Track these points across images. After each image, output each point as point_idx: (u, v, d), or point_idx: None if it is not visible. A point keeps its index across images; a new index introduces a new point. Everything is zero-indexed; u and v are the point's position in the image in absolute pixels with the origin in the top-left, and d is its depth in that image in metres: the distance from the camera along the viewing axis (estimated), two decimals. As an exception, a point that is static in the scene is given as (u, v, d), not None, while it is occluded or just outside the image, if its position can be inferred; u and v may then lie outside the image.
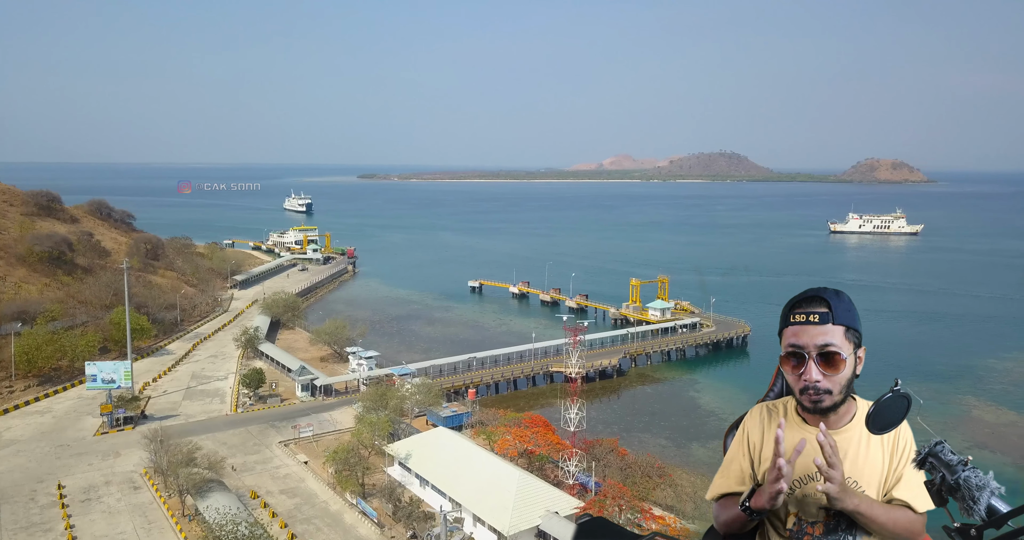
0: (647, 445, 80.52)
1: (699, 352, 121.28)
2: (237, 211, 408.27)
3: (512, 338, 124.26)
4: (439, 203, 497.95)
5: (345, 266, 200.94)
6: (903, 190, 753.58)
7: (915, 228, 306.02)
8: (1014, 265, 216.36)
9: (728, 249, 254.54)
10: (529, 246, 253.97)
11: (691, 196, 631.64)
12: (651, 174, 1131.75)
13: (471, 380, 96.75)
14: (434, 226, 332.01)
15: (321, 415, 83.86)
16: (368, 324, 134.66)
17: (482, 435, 67.25)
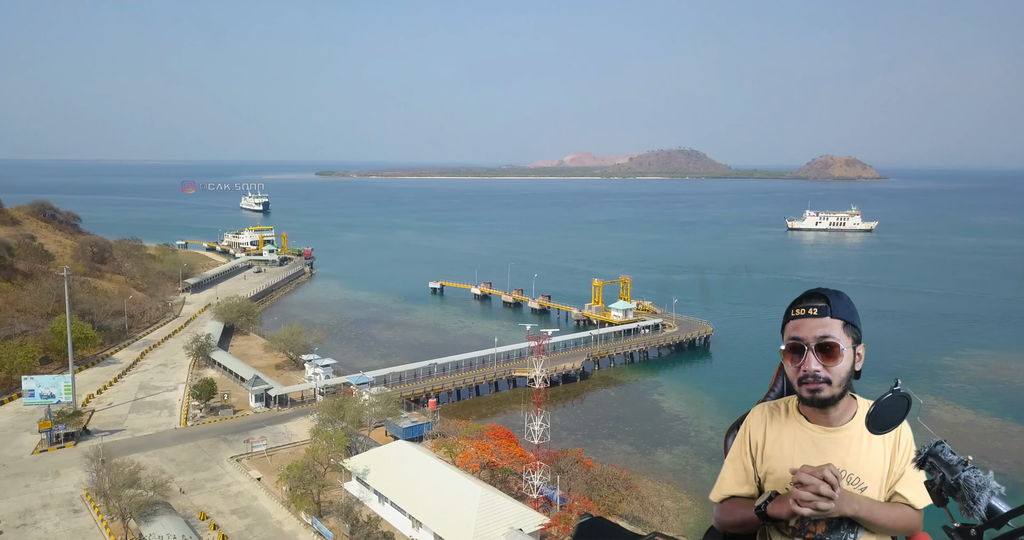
0: (612, 453, 79.32)
1: (662, 353, 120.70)
2: (191, 210, 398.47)
3: (474, 341, 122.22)
4: (399, 201, 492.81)
5: (302, 267, 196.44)
6: (856, 186, 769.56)
7: (870, 225, 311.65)
8: (963, 262, 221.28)
9: (687, 247, 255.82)
10: (490, 245, 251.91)
11: (651, 194, 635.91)
12: (611, 171, 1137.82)
13: (432, 387, 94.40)
14: (393, 225, 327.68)
15: (276, 427, 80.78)
16: (326, 329, 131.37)
17: (443, 448, 65.10)
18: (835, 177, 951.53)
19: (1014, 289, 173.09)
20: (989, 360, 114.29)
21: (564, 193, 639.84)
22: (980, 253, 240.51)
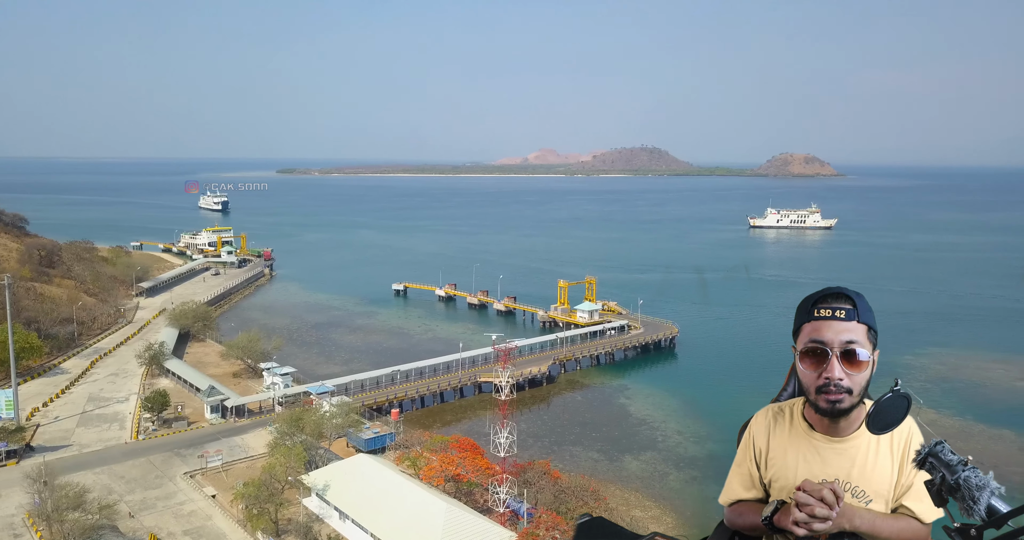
0: (579, 460, 78.10)
1: (628, 355, 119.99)
2: (147, 210, 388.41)
3: (439, 345, 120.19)
4: (361, 199, 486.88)
5: (262, 269, 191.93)
6: (815, 183, 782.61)
7: (829, 222, 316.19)
8: (921, 259, 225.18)
9: (650, 246, 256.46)
10: (454, 245, 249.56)
11: (613, 191, 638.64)
12: (575, 169, 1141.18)
13: (395, 395, 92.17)
14: (356, 224, 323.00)
15: (232, 439, 77.95)
16: (285, 334, 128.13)
17: (406, 461, 63.12)
18: (794, 174, 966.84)
19: (971, 286, 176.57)
20: (949, 358, 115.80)
21: (528, 191, 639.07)
22: (936, 250, 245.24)
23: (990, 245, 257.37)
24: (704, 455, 79.91)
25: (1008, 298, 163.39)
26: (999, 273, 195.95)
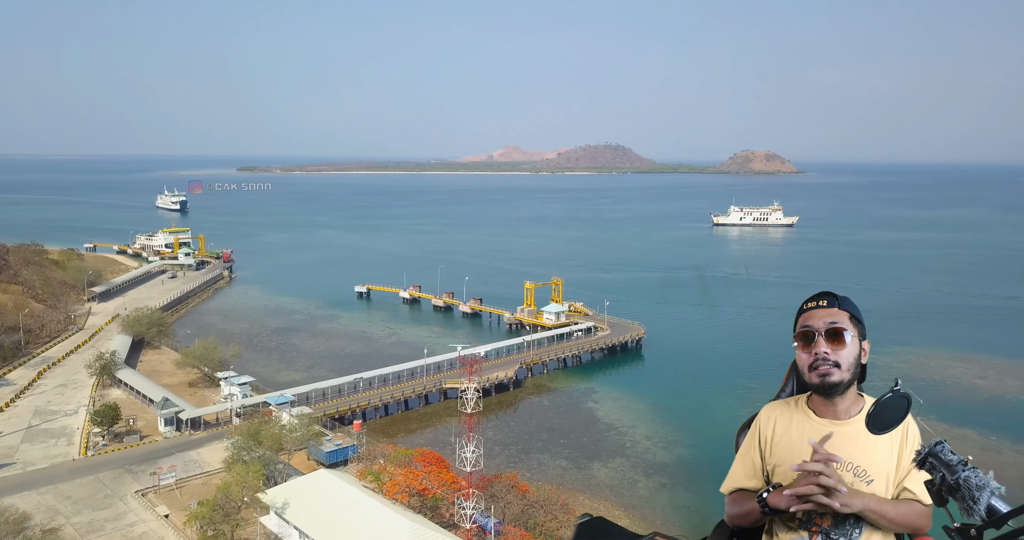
0: (547, 468, 76.75)
1: (595, 357, 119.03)
2: (101, 209, 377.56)
3: (403, 350, 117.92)
4: (323, 198, 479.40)
5: (221, 271, 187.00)
6: (776, 180, 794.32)
7: (791, 220, 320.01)
8: (878, 256, 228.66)
9: (615, 244, 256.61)
10: (419, 245, 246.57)
11: (578, 189, 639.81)
12: (540, 166, 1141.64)
13: (358, 404, 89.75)
14: (317, 224, 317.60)
15: (187, 454, 74.94)
16: (245, 339, 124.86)
17: (369, 476, 61.00)
18: (756, 171, 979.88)
19: (927, 284, 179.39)
20: (909, 356, 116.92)
21: (493, 189, 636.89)
22: (892, 247, 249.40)
23: (944, 242, 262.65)
24: (672, 461, 79.14)
25: (964, 295, 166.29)
26: (954, 270, 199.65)
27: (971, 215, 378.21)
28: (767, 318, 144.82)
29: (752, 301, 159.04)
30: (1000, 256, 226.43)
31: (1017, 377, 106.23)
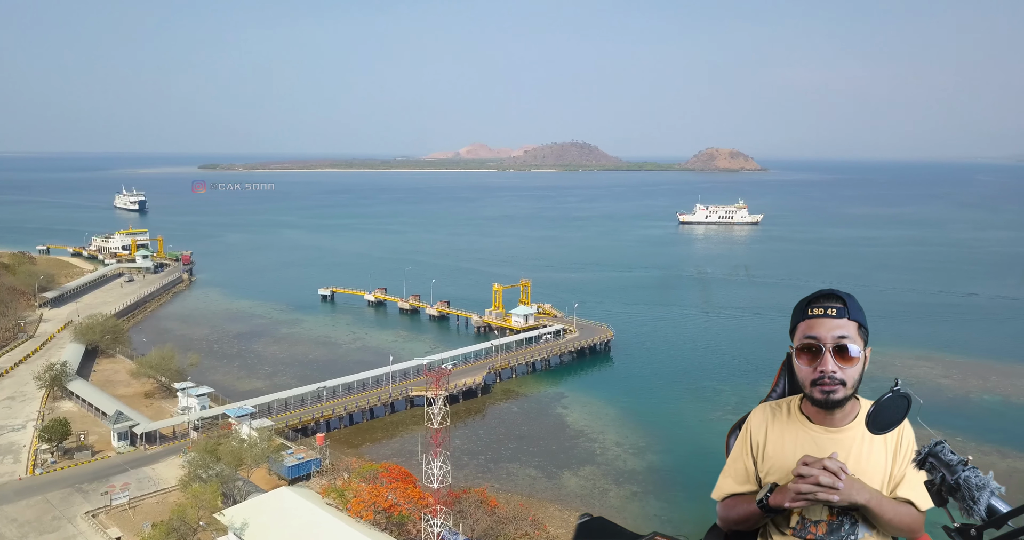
0: (516, 478, 75.29)
1: (564, 360, 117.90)
2: (56, 209, 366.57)
3: (369, 356, 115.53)
4: (286, 196, 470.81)
5: (180, 274, 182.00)
6: (740, 178, 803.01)
7: (756, 218, 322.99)
8: (840, 254, 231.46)
9: (582, 243, 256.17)
10: (383, 245, 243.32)
11: (544, 187, 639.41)
12: (507, 164, 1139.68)
13: (321, 413, 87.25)
14: (280, 223, 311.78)
15: (142, 470, 71.97)
16: (204, 345, 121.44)
17: (333, 493, 58.88)
18: (720, 168, 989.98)
19: (888, 281, 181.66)
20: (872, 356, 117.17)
21: (460, 187, 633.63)
22: (853, 245, 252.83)
23: (903, 239, 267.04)
24: (643, 468, 78.24)
25: (924, 292, 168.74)
26: (914, 268, 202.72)
27: (929, 212, 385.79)
28: (733, 318, 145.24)
29: (719, 301, 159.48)
30: (958, 254, 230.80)
31: (979, 376, 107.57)
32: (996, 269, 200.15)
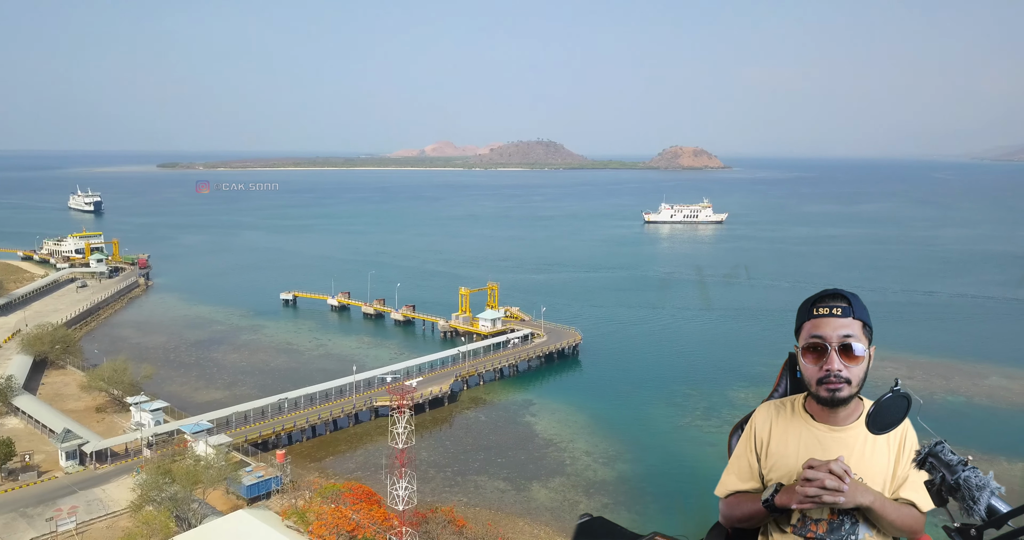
0: (484, 491, 73.46)
1: (532, 365, 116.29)
2: (6, 210, 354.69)
3: (332, 363, 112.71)
4: (246, 196, 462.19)
5: (136, 279, 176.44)
6: (704, 176, 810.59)
7: (720, 217, 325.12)
8: (804, 253, 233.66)
9: (548, 243, 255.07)
10: (347, 247, 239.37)
11: (510, 186, 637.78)
12: (473, 162, 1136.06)
13: (282, 426, 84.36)
14: (240, 224, 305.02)
15: (91, 492, 68.58)
16: (161, 353, 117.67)
17: (294, 515, 56.49)
18: (684, 166, 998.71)
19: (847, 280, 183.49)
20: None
21: (425, 185, 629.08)
22: (816, 244, 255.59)
23: (864, 237, 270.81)
24: (613, 478, 76.99)
25: (885, 291, 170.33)
26: (875, 266, 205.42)
27: (888, 210, 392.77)
28: (700, 320, 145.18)
29: (683, 302, 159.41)
30: (917, 252, 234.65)
31: (942, 376, 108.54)
32: (953, 267, 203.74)
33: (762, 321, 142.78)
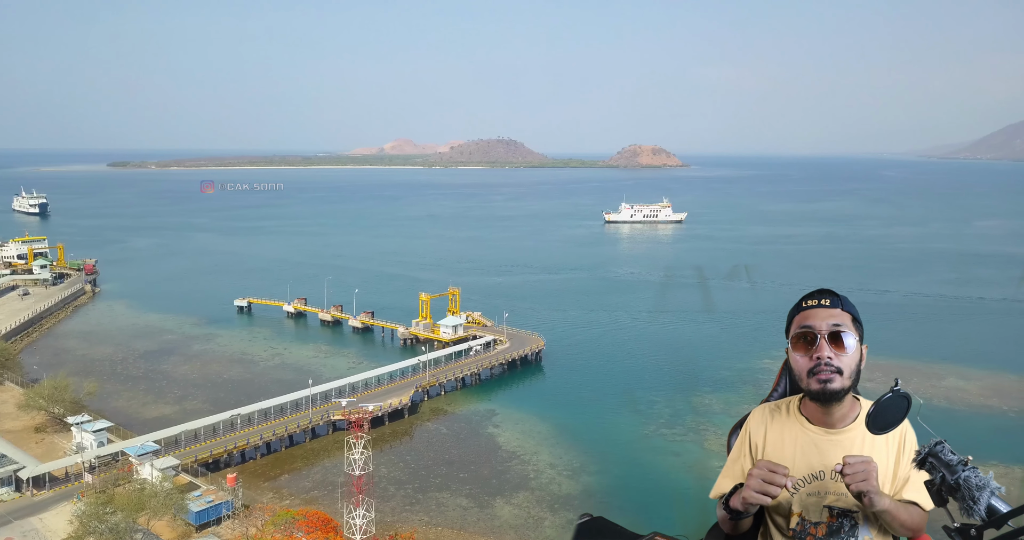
0: (446, 509, 71.26)
1: (494, 373, 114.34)
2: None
3: (288, 373, 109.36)
4: (199, 196, 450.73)
5: (82, 286, 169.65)
6: (663, 175, 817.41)
7: (680, 216, 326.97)
8: (761, 252, 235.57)
9: (508, 244, 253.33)
10: (303, 249, 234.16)
11: (470, 184, 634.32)
12: (433, 160, 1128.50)
13: (235, 444, 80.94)
14: (192, 226, 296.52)
15: (28, 521, 64.66)
16: (108, 366, 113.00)
17: (245, 546, 53.66)
18: (643, 165, 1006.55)
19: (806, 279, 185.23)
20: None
21: (384, 184, 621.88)
22: (774, 243, 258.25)
23: (819, 236, 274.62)
24: (579, 492, 75.45)
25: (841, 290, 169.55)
26: (831, 266, 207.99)
27: (841, 208, 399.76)
28: (662, 323, 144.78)
29: (645, 305, 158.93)
30: (870, 251, 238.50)
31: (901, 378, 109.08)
32: (906, 266, 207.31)
33: (722, 323, 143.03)
